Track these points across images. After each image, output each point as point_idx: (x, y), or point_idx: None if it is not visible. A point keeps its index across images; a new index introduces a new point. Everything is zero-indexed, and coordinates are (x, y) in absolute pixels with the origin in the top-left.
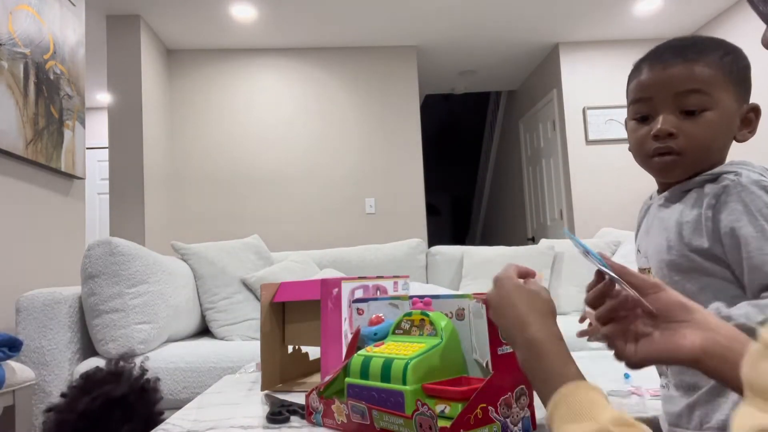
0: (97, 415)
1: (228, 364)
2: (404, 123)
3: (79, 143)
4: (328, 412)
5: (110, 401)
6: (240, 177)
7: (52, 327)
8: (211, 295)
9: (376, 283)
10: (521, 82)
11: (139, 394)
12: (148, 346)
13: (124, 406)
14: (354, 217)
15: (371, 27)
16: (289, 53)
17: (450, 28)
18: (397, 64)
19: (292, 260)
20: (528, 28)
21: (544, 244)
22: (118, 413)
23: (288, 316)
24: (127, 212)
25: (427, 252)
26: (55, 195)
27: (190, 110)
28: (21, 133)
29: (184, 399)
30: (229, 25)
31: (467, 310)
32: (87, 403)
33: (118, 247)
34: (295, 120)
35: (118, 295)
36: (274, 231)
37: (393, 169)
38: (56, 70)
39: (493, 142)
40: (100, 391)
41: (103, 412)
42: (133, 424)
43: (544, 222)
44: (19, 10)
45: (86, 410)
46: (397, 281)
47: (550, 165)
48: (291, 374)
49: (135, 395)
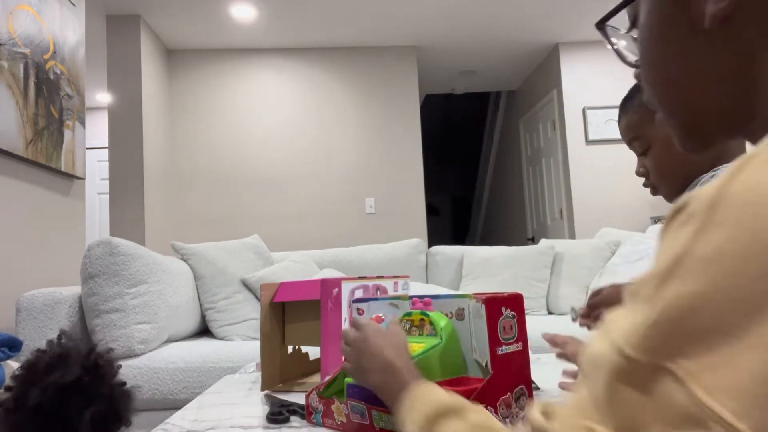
0: (53, 408)
1: (228, 364)
2: (404, 123)
3: (79, 143)
4: (328, 412)
5: (63, 389)
6: (240, 177)
7: (52, 327)
8: (211, 295)
9: (376, 283)
10: (521, 82)
11: (94, 373)
12: (148, 346)
13: (80, 390)
14: (354, 217)
15: (371, 27)
16: (289, 53)
17: (450, 28)
18: (397, 64)
19: (292, 260)
20: (528, 28)
21: (544, 244)
22: (76, 400)
23: (288, 316)
24: (127, 212)
25: (427, 252)
26: (55, 195)
27: (190, 110)
28: (21, 133)
29: (184, 399)
30: (229, 25)
31: (467, 310)
32: (38, 397)
33: (118, 247)
34: (295, 120)
35: (118, 295)
36: (274, 231)
37: (393, 169)
38: (56, 70)
39: (493, 142)
40: (48, 380)
41: (58, 403)
42: (96, 406)
43: (544, 222)
44: (19, 10)
45: (39, 405)
46: (397, 281)
47: (550, 165)
48: (291, 374)
49: (90, 375)
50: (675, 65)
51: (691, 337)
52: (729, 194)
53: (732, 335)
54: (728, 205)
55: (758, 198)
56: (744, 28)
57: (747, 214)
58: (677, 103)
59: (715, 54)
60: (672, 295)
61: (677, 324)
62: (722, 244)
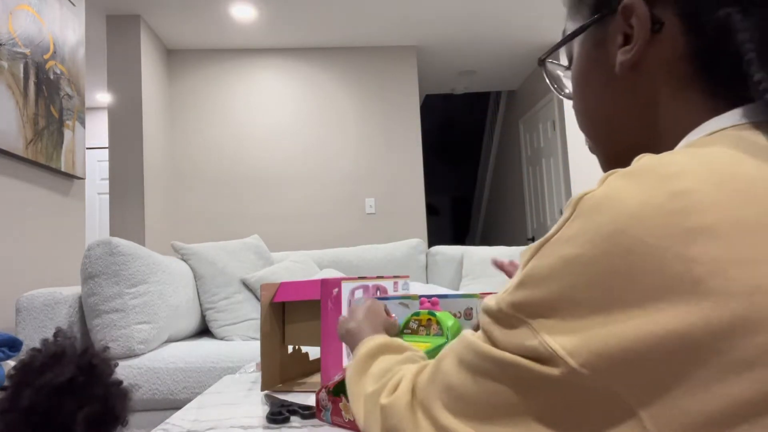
0: (46, 409)
1: (228, 364)
2: (404, 123)
3: (79, 143)
4: (336, 410)
5: (57, 389)
6: (240, 177)
7: (52, 327)
8: (211, 295)
9: (376, 283)
10: (521, 82)
11: (89, 372)
12: (148, 346)
13: (74, 390)
14: (354, 217)
15: (371, 27)
16: (289, 53)
17: (450, 28)
18: (397, 64)
19: (292, 260)
20: (528, 28)
21: None
22: (70, 400)
23: (288, 316)
24: (127, 212)
25: (427, 252)
26: (55, 195)
27: (190, 110)
28: (21, 133)
29: (184, 399)
30: (229, 25)
31: (475, 309)
32: (31, 397)
33: (118, 247)
34: (295, 120)
35: (118, 295)
36: (274, 231)
37: (393, 169)
38: (56, 70)
39: (493, 142)
40: (42, 380)
41: (51, 404)
42: (90, 407)
43: (544, 222)
44: (19, 10)
45: (32, 405)
46: (397, 281)
47: (550, 165)
48: (291, 374)
49: (84, 375)
50: (597, 105)
51: (540, 299)
52: (590, 195)
53: (573, 301)
54: (586, 202)
55: (603, 200)
56: (648, 76)
57: (594, 211)
58: (599, 137)
59: (626, 97)
60: (531, 266)
61: (531, 288)
62: (576, 231)
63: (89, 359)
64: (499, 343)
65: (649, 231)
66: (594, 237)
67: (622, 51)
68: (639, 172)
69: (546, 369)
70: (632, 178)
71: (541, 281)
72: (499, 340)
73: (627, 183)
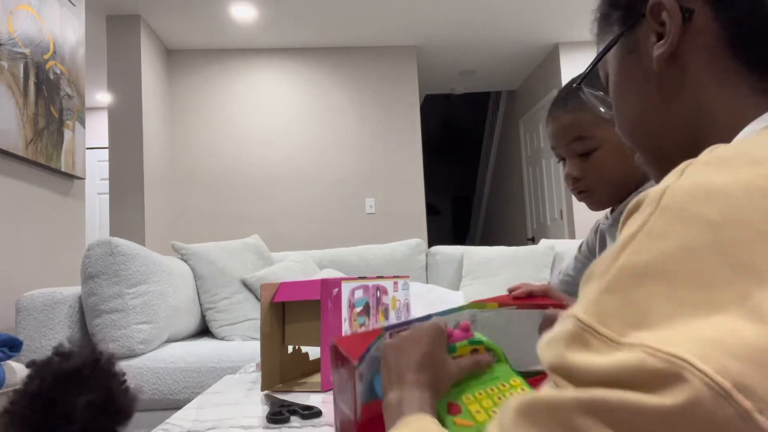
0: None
1: (228, 364)
2: (404, 123)
3: (79, 143)
4: None
5: (62, 376)
6: (240, 177)
7: (52, 327)
8: (211, 295)
9: (376, 283)
10: (521, 82)
11: (94, 366)
12: (148, 346)
13: (78, 379)
14: (354, 217)
15: (371, 27)
16: (289, 53)
17: (450, 28)
18: (397, 64)
19: (292, 260)
20: (528, 28)
21: (544, 244)
22: (73, 387)
23: (288, 316)
24: (127, 212)
25: (427, 252)
26: (55, 195)
27: (190, 110)
28: (21, 133)
29: (184, 399)
30: (229, 25)
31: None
32: (38, 384)
33: (118, 247)
34: (294, 120)
35: (118, 295)
36: (274, 231)
37: (393, 169)
38: (56, 70)
39: (493, 142)
40: (48, 369)
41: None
42: (92, 395)
43: (544, 222)
44: (19, 10)
45: (38, 391)
46: (397, 281)
47: (550, 165)
48: (291, 374)
49: (89, 368)
50: (642, 109)
51: (638, 303)
52: (674, 187)
53: (677, 302)
54: (673, 195)
55: (695, 189)
56: (687, 65)
57: (688, 201)
58: (647, 145)
59: (668, 93)
60: (621, 264)
61: (625, 290)
62: (668, 223)
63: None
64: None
65: (762, 214)
66: (700, 227)
67: (657, 46)
68: (724, 160)
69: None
70: (719, 166)
71: (638, 282)
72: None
73: (716, 171)
